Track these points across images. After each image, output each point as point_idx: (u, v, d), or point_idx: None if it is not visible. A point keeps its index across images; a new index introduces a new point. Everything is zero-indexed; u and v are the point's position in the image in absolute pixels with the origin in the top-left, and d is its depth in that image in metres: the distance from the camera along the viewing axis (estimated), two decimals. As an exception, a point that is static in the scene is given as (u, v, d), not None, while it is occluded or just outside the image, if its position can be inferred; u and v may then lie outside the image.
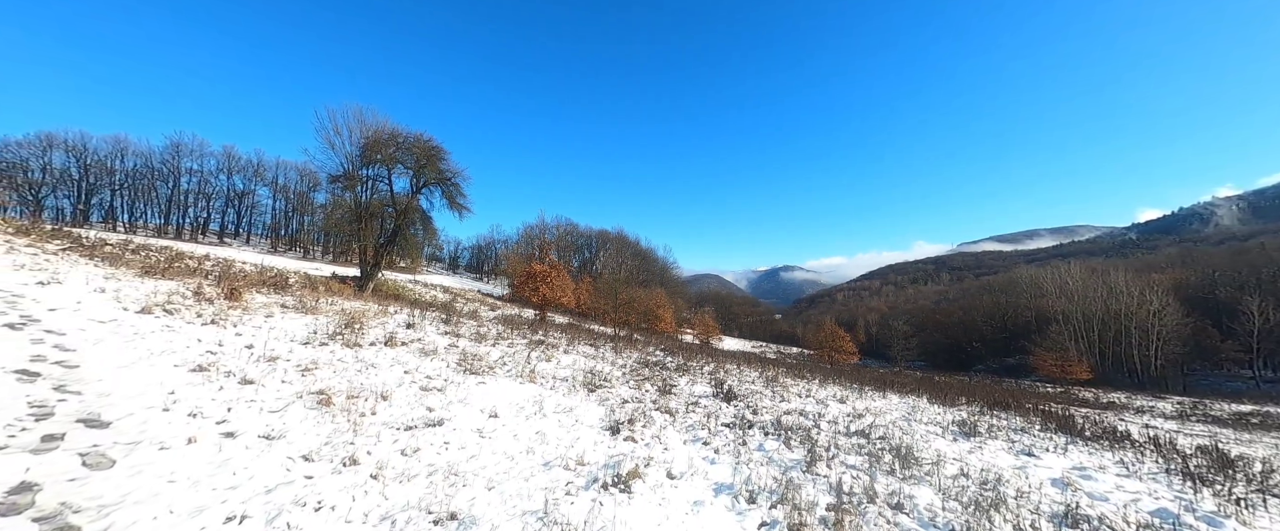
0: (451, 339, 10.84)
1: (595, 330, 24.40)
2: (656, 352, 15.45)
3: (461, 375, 7.25)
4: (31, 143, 50.71)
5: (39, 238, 14.65)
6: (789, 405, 8.61)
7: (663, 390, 8.33)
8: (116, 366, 5.21)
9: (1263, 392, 32.26)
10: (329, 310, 12.28)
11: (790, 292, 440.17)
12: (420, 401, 5.53)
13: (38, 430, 3.46)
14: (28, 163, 50.40)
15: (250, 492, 3.06)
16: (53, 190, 52.41)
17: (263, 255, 39.44)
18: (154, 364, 5.38)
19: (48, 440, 3.35)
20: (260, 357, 6.36)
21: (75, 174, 53.63)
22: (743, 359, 19.45)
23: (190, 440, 3.59)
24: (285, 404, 4.79)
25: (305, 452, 3.72)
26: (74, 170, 53.53)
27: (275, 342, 7.46)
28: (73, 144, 53.08)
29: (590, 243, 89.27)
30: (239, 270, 19.04)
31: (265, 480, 3.24)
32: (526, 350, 11.08)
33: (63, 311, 7.37)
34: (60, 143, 52.32)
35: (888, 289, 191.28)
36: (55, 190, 52.71)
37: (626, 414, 6.33)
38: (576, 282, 38.35)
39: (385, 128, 31.82)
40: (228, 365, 5.78)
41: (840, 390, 11.77)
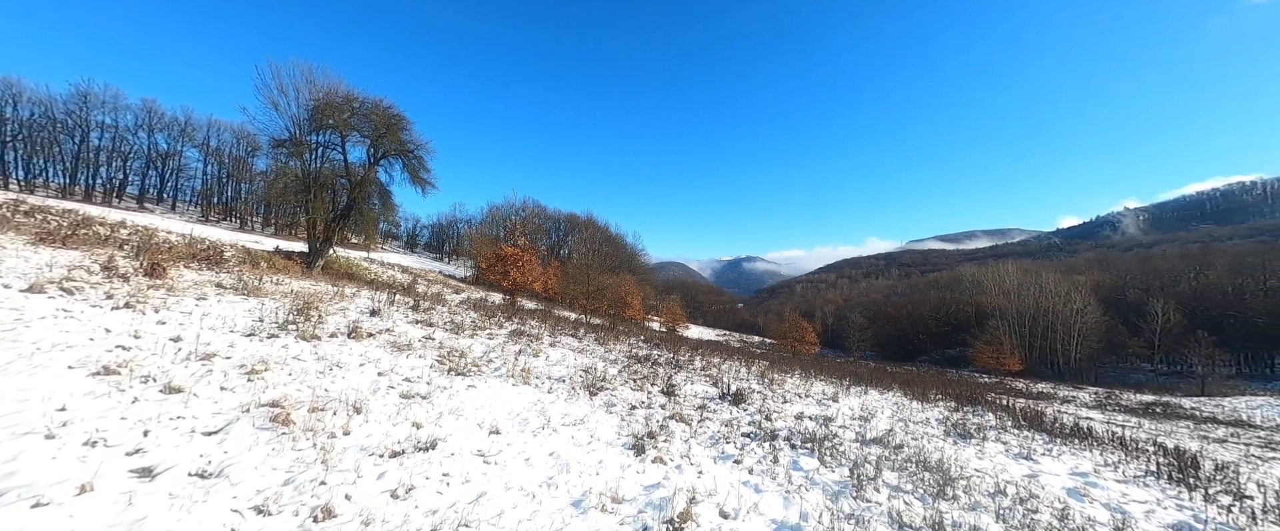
0: (425, 329, 9.67)
1: (570, 318, 23.49)
2: (641, 345, 14.84)
3: (446, 376, 6.27)
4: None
5: (-110, 191, 11.89)
6: (794, 408, 8.25)
7: (666, 392, 7.71)
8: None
9: (1160, 384, 36.68)
10: (276, 291, 10.69)
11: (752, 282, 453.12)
12: (403, 413, 4.58)
13: None
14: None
15: (179, 570, 2.13)
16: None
17: (192, 224, 35.24)
18: (38, 364, 4.10)
19: None
20: (190, 355, 5.11)
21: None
22: (718, 349, 19.24)
23: (84, 488, 2.54)
24: (226, 422, 3.72)
25: (259, 501, 2.76)
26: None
27: (211, 334, 6.14)
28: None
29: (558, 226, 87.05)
30: (163, 240, 16.54)
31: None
32: (509, 342, 10.11)
33: (-90, 289, 5.69)
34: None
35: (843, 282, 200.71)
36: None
37: (643, 424, 5.65)
38: (545, 267, 36.96)
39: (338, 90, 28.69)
40: (146, 366, 4.54)
41: (825, 386, 11.66)
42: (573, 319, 22.15)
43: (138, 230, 17.20)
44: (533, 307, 28.50)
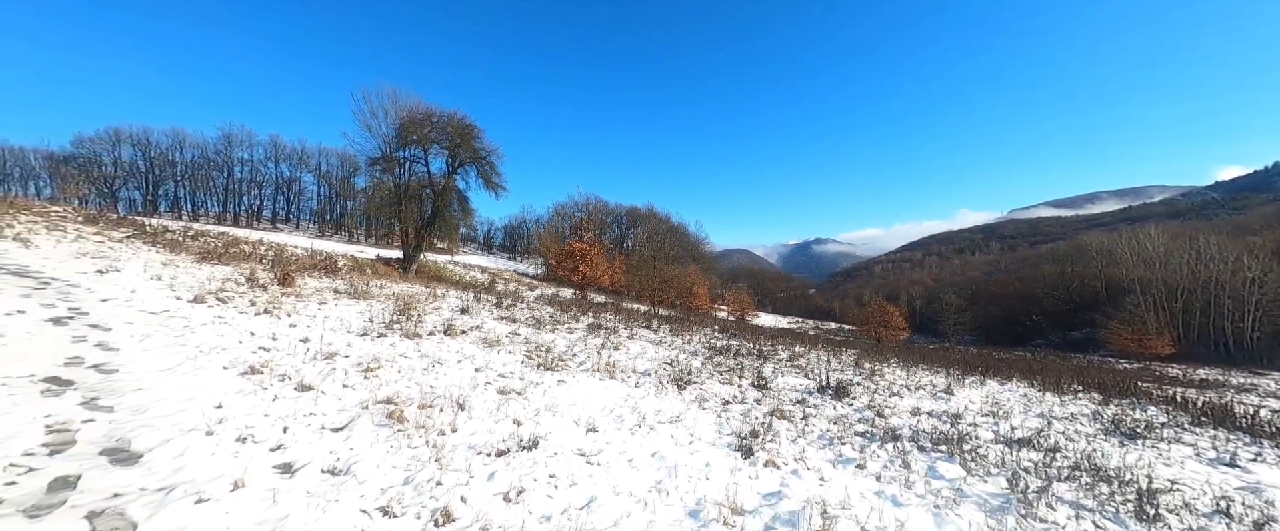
0: (510, 325, 10.00)
1: (639, 309, 23.51)
2: (716, 335, 14.28)
3: (536, 371, 6.30)
4: (103, 138, 53.79)
5: (106, 226, 14.82)
6: (907, 402, 7.26)
7: (758, 385, 7.16)
8: (159, 368, 4.50)
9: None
10: (380, 295, 11.73)
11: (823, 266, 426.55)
12: (502, 409, 4.58)
13: (47, 471, 2.64)
14: (101, 157, 53.63)
15: (318, 572, 2.14)
16: (124, 182, 55.80)
17: (311, 239, 40.60)
18: (201, 366, 4.64)
19: (56, 489, 2.51)
20: (317, 354, 5.59)
21: (142, 167, 56.77)
22: (795, 337, 17.98)
23: (236, 485, 2.70)
24: (350, 419, 3.91)
25: (384, 501, 2.77)
26: (141, 163, 56.64)
27: (331, 335, 6.74)
28: (138, 138, 55.98)
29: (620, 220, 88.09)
30: (291, 254, 19.07)
31: (336, 547, 2.31)
32: (589, 336, 10.13)
33: (114, 302, 6.88)
34: (127, 137, 55.26)
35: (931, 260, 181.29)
36: (126, 182, 56.12)
37: (742, 422, 5.20)
38: (610, 261, 37.49)
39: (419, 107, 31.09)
40: (282, 366, 5.00)
41: (931, 376, 10.24)
42: (642, 311, 22.12)
43: (272, 246, 20.00)
44: (602, 301, 29.01)
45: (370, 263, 26.38)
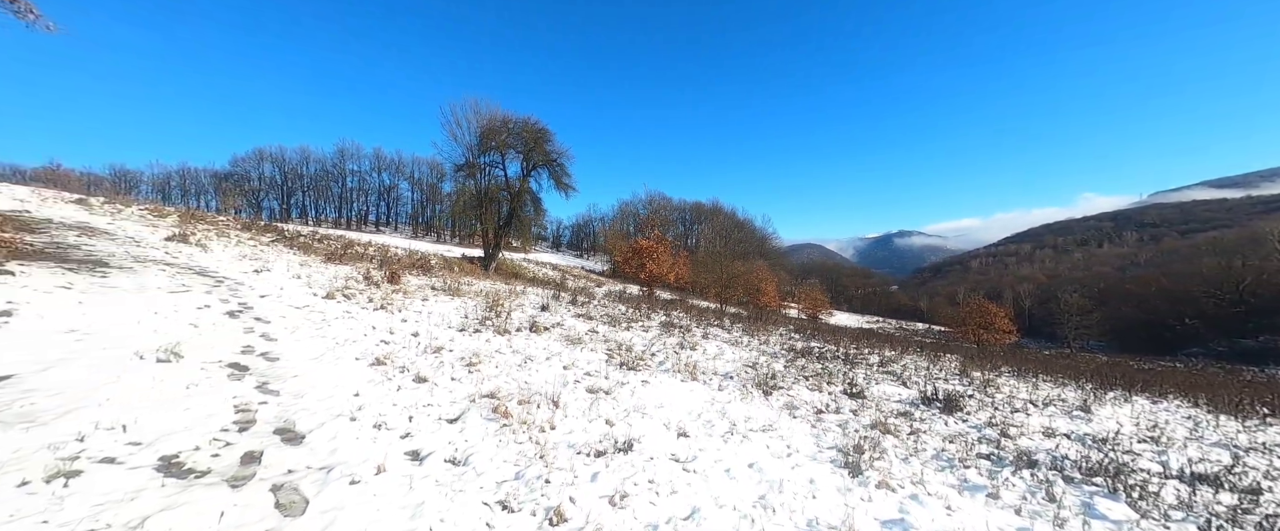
0: (587, 323, 10.32)
1: (705, 307, 23.13)
2: (793, 336, 13.57)
3: (619, 371, 6.40)
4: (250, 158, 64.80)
5: (256, 232, 17.70)
6: (1034, 420, 6.30)
7: (851, 393, 6.64)
8: (308, 357, 5.23)
9: None
10: (469, 291, 12.72)
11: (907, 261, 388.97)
12: (594, 409, 4.70)
13: (239, 446, 3.14)
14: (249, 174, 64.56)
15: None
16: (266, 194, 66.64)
17: (407, 240, 45.32)
18: (339, 357, 5.31)
19: (247, 462, 2.98)
20: (426, 348, 6.16)
21: (278, 180, 67.42)
22: (880, 340, 16.45)
23: (379, 469, 3.02)
24: (461, 411, 4.24)
25: (501, 495, 2.94)
26: (277, 177, 67.29)
27: (435, 330, 7.41)
28: (275, 156, 66.60)
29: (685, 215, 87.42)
30: (393, 254, 21.41)
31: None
32: (663, 335, 10.12)
33: (269, 298, 8.16)
34: (267, 156, 66.01)
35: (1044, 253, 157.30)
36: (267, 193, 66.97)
37: (840, 435, 4.84)
38: (674, 258, 37.25)
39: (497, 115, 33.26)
40: (400, 358, 5.57)
41: (1057, 389, 8.76)
42: (709, 308, 21.73)
43: (378, 248, 22.58)
44: (668, 298, 29.00)
45: (457, 261, 28.81)
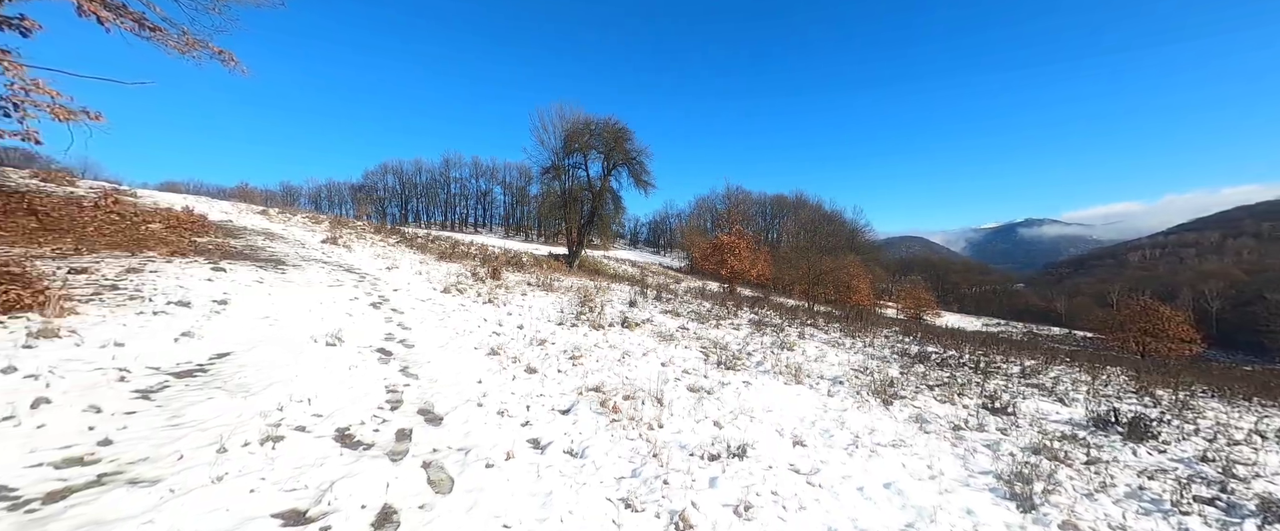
0: (676, 319, 10.23)
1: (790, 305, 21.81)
2: (902, 338, 12.14)
3: (718, 370, 6.19)
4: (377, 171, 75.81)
5: (384, 235, 20.46)
6: (1271, 458, 4.81)
7: (992, 407, 5.68)
8: (436, 346, 5.81)
9: None
10: (560, 287, 13.38)
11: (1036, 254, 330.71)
12: (698, 409, 4.56)
13: (393, 423, 3.51)
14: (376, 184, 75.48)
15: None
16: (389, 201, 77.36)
17: (501, 240, 49.34)
18: (460, 346, 5.82)
19: (401, 438, 3.31)
20: (532, 341, 6.52)
21: (398, 189, 77.88)
22: (1013, 346, 13.94)
23: (508, 455, 3.18)
24: (570, 403, 4.37)
25: (623, 493, 2.92)
26: (397, 186, 77.78)
27: (537, 323, 7.85)
28: (395, 168, 77.09)
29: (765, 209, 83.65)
30: (491, 253, 23.40)
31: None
32: (755, 333, 9.66)
33: (400, 291, 9.32)
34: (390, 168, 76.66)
35: (1241, 243, 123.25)
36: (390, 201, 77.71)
37: (992, 457, 4.13)
38: (754, 253, 35.55)
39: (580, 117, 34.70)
40: (511, 349, 5.95)
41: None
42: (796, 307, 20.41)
43: (479, 247, 24.83)
44: (750, 295, 27.92)
45: (544, 259, 30.64)
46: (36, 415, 2.79)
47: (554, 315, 8.79)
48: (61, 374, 3.38)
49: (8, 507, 2.08)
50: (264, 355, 4.50)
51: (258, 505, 2.32)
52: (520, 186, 78.59)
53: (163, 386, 3.59)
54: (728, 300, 17.61)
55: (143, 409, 3.16)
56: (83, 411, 2.93)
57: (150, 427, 2.92)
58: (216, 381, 3.81)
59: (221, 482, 2.43)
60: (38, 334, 3.90)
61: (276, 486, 2.49)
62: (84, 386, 3.30)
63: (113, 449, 2.64)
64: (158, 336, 4.47)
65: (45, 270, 5.99)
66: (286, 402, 3.51)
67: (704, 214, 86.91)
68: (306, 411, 3.44)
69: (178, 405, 3.27)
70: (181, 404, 3.28)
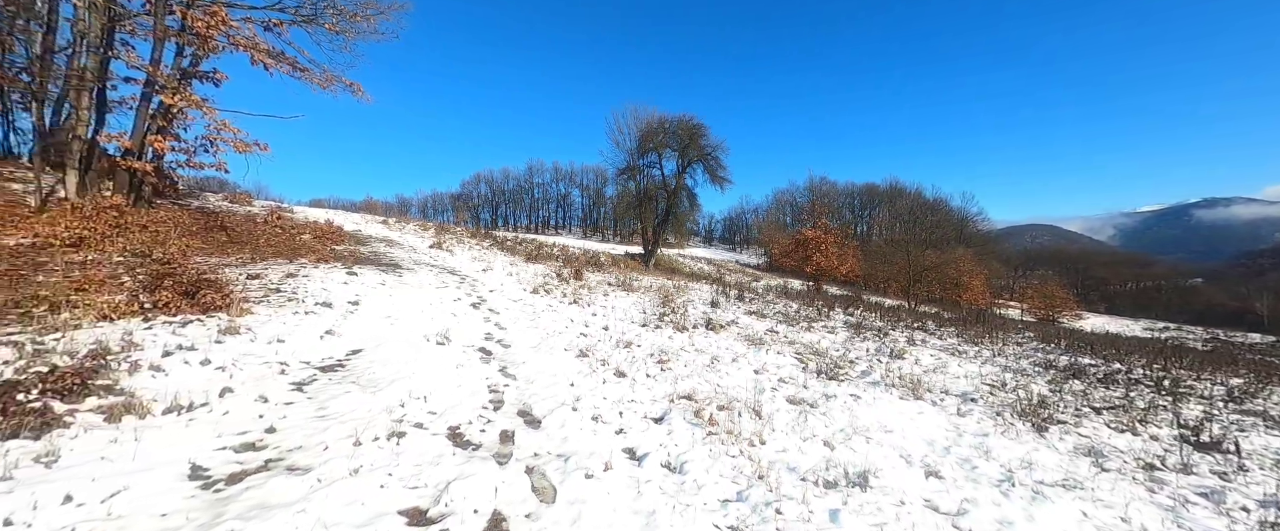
0: (762, 321, 9.65)
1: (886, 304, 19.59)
2: (1039, 344, 10.16)
3: (819, 380, 5.62)
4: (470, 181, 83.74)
5: (479, 239, 22.31)
6: None
7: (1196, 440, 4.40)
8: (529, 347, 6.05)
9: None
10: (639, 287, 13.41)
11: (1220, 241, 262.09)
12: (803, 425, 4.12)
13: (496, 424, 3.63)
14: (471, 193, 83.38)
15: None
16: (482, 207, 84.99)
17: (579, 240, 51.44)
18: (551, 348, 5.99)
19: (505, 440, 3.40)
20: (618, 343, 6.51)
21: (489, 195, 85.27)
22: (1198, 357, 10.82)
23: (606, 466, 3.09)
24: (663, 411, 4.20)
25: (731, 519, 2.67)
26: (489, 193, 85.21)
27: (621, 324, 7.87)
28: (486, 177, 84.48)
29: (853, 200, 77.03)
30: (571, 253, 24.39)
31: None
32: (855, 337, 8.73)
33: (495, 293, 10.00)
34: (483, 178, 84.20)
35: None
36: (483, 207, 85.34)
37: (1215, 510, 3.15)
38: (842, 248, 32.53)
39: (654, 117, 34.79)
40: (599, 352, 5.98)
41: None
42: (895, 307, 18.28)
43: (561, 249, 26.04)
44: (838, 294, 25.74)
45: (621, 258, 31.20)
46: (223, 403, 3.31)
47: (637, 316, 8.77)
48: (241, 366, 4.02)
49: (201, 486, 2.45)
50: (388, 352, 4.99)
51: (386, 501, 2.47)
52: (596, 188, 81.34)
53: (312, 379, 4.12)
54: (816, 300, 16.34)
55: (298, 400, 3.62)
56: (254, 401, 3.43)
57: (303, 417, 3.32)
58: (351, 376, 4.29)
59: (357, 475, 2.64)
60: (225, 331, 4.72)
61: (401, 483, 2.64)
62: (256, 377, 3.89)
63: (276, 437, 3.02)
64: (308, 334, 5.19)
65: (231, 276, 7.34)
66: (407, 399, 3.80)
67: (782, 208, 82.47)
68: (423, 408, 3.70)
69: (323, 397, 3.71)
70: (326, 397, 3.72)
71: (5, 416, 2.47)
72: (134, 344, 3.95)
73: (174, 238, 9.17)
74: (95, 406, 2.87)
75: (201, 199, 14.34)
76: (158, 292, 5.08)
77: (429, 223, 27.14)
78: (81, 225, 8.16)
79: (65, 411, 2.70)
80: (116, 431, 2.69)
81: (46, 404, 2.65)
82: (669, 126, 33.16)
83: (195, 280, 5.50)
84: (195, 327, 4.70)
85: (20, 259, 6.53)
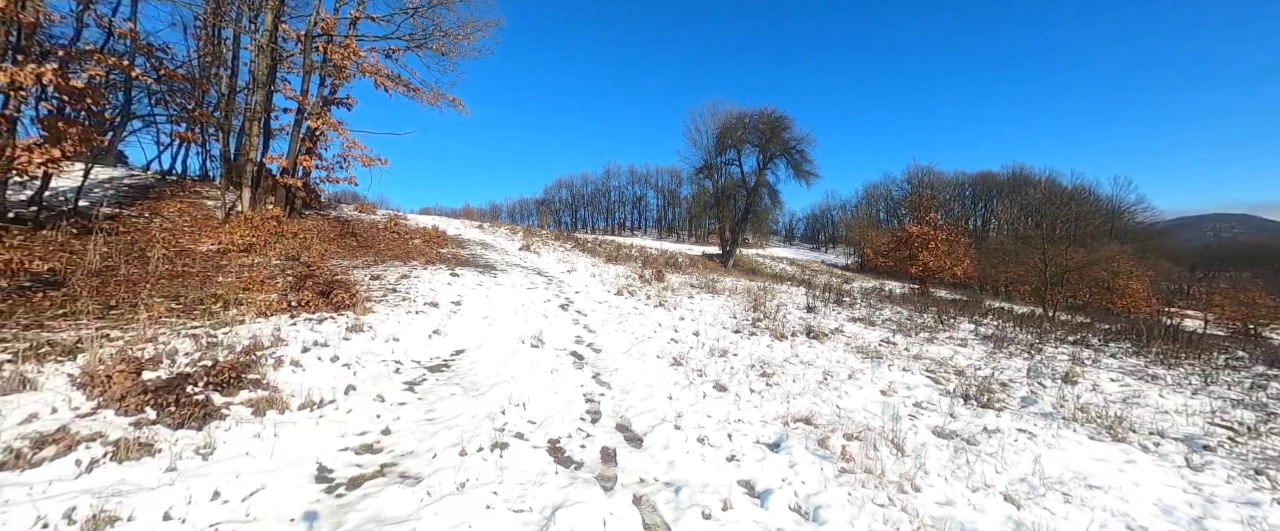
0: (871, 329, 8.48)
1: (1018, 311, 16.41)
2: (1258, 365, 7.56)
3: (967, 408, 4.60)
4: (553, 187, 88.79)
5: (562, 241, 23.19)
6: None
7: None
8: (620, 352, 5.82)
9: None
10: (723, 289, 12.73)
11: None
12: (964, 467, 3.29)
13: (596, 439, 3.37)
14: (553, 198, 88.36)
15: None
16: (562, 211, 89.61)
17: (655, 241, 51.54)
18: (643, 354, 5.69)
19: (606, 460, 3.12)
20: (712, 351, 6.02)
21: (569, 200, 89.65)
22: None
23: (725, 505, 2.65)
24: (777, 435, 3.64)
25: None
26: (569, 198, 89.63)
27: (712, 330, 7.36)
28: (567, 183, 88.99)
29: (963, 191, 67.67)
30: (649, 254, 24.31)
31: None
32: (997, 353, 7.24)
33: (581, 294, 10.07)
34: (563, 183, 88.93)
35: None
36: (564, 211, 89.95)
37: None
38: (954, 245, 28.07)
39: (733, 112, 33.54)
40: (693, 360, 5.55)
41: None
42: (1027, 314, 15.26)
43: (639, 249, 26.11)
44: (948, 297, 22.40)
45: (699, 259, 30.45)
46: (347, 401, 3.46)
47: (727, 321, 8.18)
48: (363, 363, 4.27)
49: (325, 489, 2.47)
50: (487, 354, 5.06)
51: (493, 525, 2.28)
52: (671, 189, 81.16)
53: (422, 379, 4.25)
54: (929, 305, 14.26)
55: (409, 401, 3.71)
56: (373, 400, 3.55)
57: (414, 419, 3.35)
58: (456, 377, 4.36)
59: (464, 491, 2.50)
60: (351, 328, 5.13)
61: (506, 505, 2.45)
62: (374, 376, 4.10)
63: (391, 439, 3.05)
64: (418, 333, 5.47)
65: (358, 277, 8.20)
66: (506, 405, 3.72)
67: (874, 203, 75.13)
68: (523, 417, 3.57)
69: (432, 399, 3.76)
70: (434, 398, 3.77)
71: (178, 407, 2.74)
72: (280, 339, 4.40)
73: (315, 243, 10.59)
74: (246, 399, 3.13)
75: (338, 209, 16.60)
76: (301, 292, 5.71)
77: (517, 226, 28.95)
78: (251, 234, 9.73)
79: (222, 404, 2.97)
80: (260, 426, 2.88)
81: (208, 396, 2.93)
82: (749, 121, 31.68)
83: (329, 281, 6.12)
84: (329, 325, 5.17)
85: (208, 263, 7.90)
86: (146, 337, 4.01)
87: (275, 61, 12.08)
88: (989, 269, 34.46)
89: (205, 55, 13.44)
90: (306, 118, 12.25)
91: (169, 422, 2.66)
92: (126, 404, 2.63)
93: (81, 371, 2.87)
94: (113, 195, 11.20)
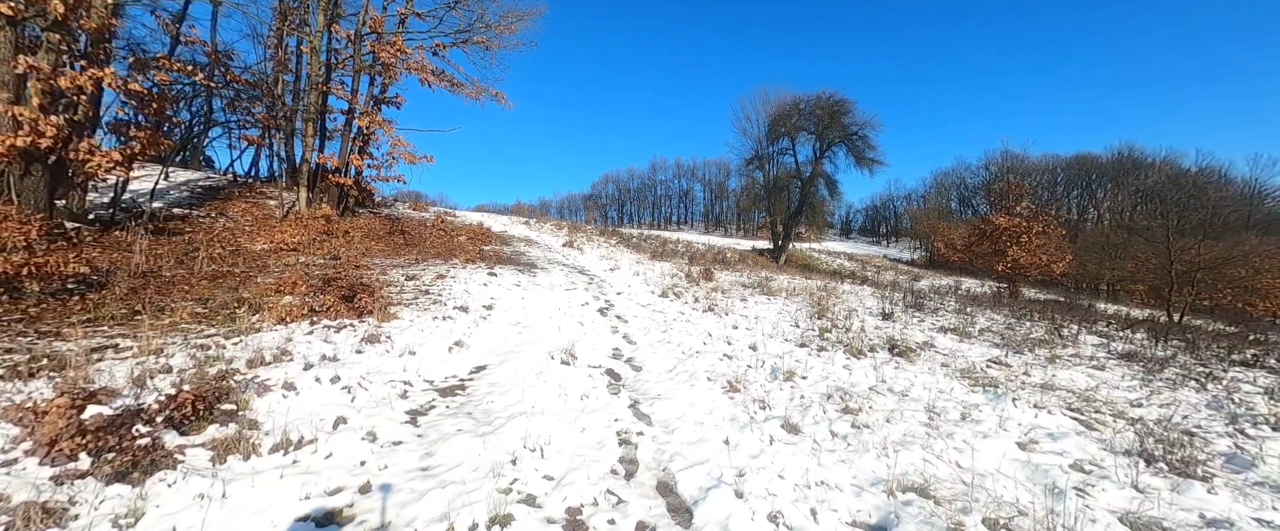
0: (972, 344, 6.96)
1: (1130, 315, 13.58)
2: None
3: (1152, 471, 3.25)
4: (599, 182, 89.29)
5: (607, 236, 22.65)
6: None
7: None
8: (664, 370, 4.95)
9: None
10: (780, 290, 11.44)
11: None
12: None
13: (630, 511, 2.53)
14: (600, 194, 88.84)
15: None
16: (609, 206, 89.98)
17: (701, 235, 50.02)
18: (691, 374, 4.77)
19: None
20: (774, 372, 4.98)
21: (616, 195, 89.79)
22: None
23: None
24: (884, 516, 2.61)
25: None
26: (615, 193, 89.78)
27: (771, 342, 6.27)
28: (613, 178, 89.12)
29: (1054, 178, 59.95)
30: (696, 249, 23.15)
31: None
32: (1150, 377, 5.57)
33: (622, 296, 9.28)
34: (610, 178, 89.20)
35: None
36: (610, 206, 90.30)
37: None
38: (1048, 238, 24.14)
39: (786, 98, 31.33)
40: (752, 384, 4.56)
41: None
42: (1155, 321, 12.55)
43: (685, 245, 25.04)
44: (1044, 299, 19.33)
45: (748, 254, 28.79)
46: (332, 440, 2.86)
47: (788, 330, 7.04)
48: (367, 384, 3.72)
49: (255, 594, 1.83)
50: (510, 372, 4.38)
51: None
52: (719, 182, 78.85)
53: (429, 406, 3.63)
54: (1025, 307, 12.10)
55: (407, 439, 3.07)
56: (362, 439, 2.93)
57: (404, 470, 2.68)
58: (469, 404, 3.70)
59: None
60: (367, 338, 4.66)
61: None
62: (376, 401, 3.52)
63: (366, 502, 2.39)
64: (439, 345, 4.91)
65: (394, 278, 7.94)
66: (521, 450, 2.97)
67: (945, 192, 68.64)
68: (538, 469, 2.80)
69: (433, 437, 3.10)
70: (436, 436, 3.11)
71: (119, 452, 2.23)
72: (285, 352, 3.97)
73: (358, 241, 10.62)
74: (209, 440, 2.61)
75: (392, 207, 17.05)
76: (323, 296, 5.36)
77: (563, 222, 28.83)
78: (300, 233, 9.86)
79: (176, 447, 2.46)
80: (211, 480, 2.32)
81: (157, 438, 2.42)
82: (804, 106, 29.41)
83: (353, 285, 5.76)
84: (345, 334, 4.74)
85: (255, 262, 7.95)
86: (150, 349, 3.70)
87: (330, 65, 12.33)
88: (1090, 265, 29.90)
89: (276, 62, 14.10)
90: (356, 117, 12.43)
91: (103, 475, 2.16)
92: (57, 449, 2.16)
93: (14, 405, 2.45)
94: (187, 197, 11.95)
